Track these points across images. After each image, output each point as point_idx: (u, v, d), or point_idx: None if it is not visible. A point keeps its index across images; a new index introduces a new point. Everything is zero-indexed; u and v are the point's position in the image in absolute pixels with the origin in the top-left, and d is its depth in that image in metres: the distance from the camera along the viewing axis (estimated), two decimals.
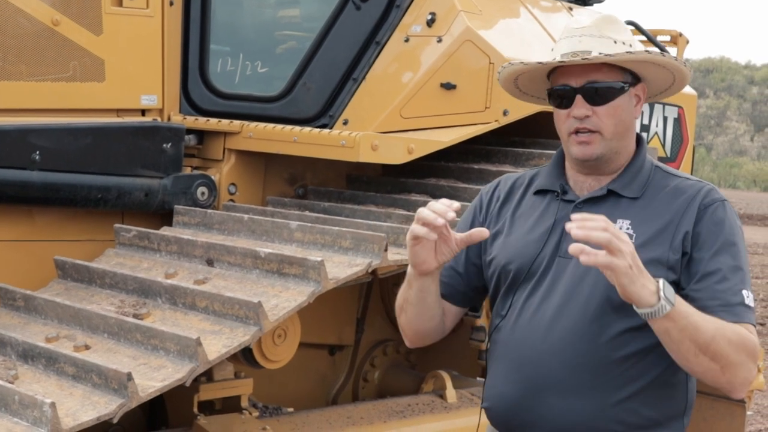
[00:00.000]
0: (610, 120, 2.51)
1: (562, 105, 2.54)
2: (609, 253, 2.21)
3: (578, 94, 2.51)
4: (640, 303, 2.27)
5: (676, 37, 6.15)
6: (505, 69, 2.64)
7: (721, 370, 2.35)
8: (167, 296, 3.64)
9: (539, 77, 2.64)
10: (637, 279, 2.26)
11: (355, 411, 4.35)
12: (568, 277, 2.51)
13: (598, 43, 2.50)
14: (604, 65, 2.51)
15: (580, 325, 2.48)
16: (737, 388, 2.41)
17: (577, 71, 2.52)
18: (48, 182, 4.00)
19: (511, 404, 2.57)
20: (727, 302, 2.41)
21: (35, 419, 2.91)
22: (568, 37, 2.55)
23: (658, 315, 2.27)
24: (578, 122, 2.51)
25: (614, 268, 2.22)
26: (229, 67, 4.71)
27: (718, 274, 2.43)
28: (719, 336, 2.33)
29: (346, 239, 3.74)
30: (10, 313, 3.84)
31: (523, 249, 2.59)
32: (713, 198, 2.51)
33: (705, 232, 2.46)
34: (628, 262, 2.23)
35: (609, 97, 2.51)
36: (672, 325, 2.29)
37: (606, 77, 2.51)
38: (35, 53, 4.05)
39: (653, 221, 2.49)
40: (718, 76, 48.17)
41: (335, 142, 4.21)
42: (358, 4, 4.75)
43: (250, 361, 3.76)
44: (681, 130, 5.75)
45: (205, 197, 4.38)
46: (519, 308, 2.57)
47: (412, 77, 4.69)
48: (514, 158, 4.70)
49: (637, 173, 2.58)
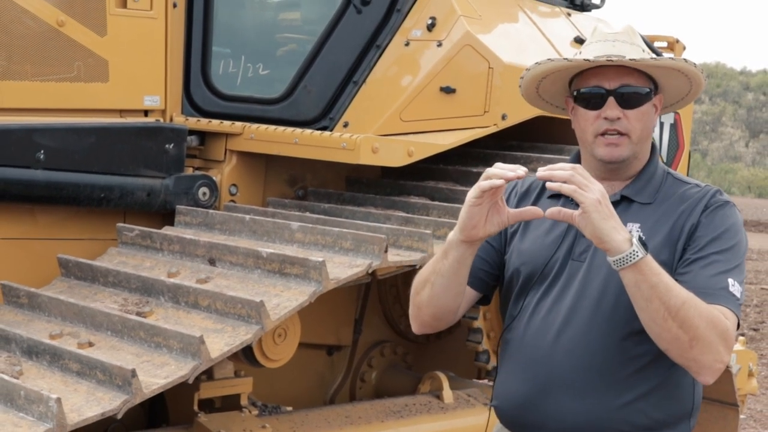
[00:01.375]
0: (639, 124, 2.57)
1: (591, 106, 2.58)
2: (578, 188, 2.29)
3: (611, 96, 2.55)
4: (611, 247, 2.30)
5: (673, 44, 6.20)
6: (540, 64, 2.64)
7: (689, 342, 2.34)
8: (170, 295, 3.68)
9: (561, 81, 2.68)
10: (608, 219, 2.30)
11: (354, 410, 4.40)
12: (580, 279, 2.56)
13: (630, 49, 2.56)
14: (635, 71, 2.57)
15: (591, 326, 2.52)
16: (704, 368, 2.38)
17: (610, 74, 2.56)
18: (52, 181, 4.03)
19: (520, 403, 2.61)
20: (708, 285, 2.42)
21: (41, 414, 2.94)
22: (600, 41, 2.59)
23: (629, 261, 2.30)
24: (608, 124, 2.55)
25: (582, 201, 2.27)
26: (230, 69, 4.75)
27: (707, 260, 2.46)
28: (691, 305, 2.33)
29: (347, 240, 3.78)
30: (14, 310, 3.87)
31: (537, 251, 2.63)
32: (718, 199, 2.57)
33: (704, 226, 2.51)
34: (597, 197, 2.28)
35: (639, 101, 2.56)
36: (642, 277, 2.31)
37: (637, 82, 2.57)
38: (40, 53, 4.10)
39: (662, 226, 2.54)
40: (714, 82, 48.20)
41: (336, 144, 4.25)
42: (359, 8, 4.79)
43: (251, 359, 3.80)
44: (677, 136, 5.80)
45: (206, 197, 4.42)
46: (531, 309, 2.61)
47: (412, 81, 4.73)
48: (512, 162, 4.71)
49: (650, 179, 2.63)
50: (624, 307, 2.45)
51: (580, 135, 2.63)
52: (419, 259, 3.82)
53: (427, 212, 4.34)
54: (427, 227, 4.07)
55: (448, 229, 4.06)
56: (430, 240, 3.87)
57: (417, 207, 4.41)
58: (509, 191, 2.76)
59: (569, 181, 2.31)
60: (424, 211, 4.36)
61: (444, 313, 2.66)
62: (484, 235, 2.47)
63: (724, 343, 2.37)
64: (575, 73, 2.63)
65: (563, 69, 2.63)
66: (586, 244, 2.55)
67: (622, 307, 2.47)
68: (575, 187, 2.30)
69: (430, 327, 2.72)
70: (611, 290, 2.48)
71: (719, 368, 2.40)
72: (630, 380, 2.50)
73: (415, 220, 4.19)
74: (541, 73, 2.66)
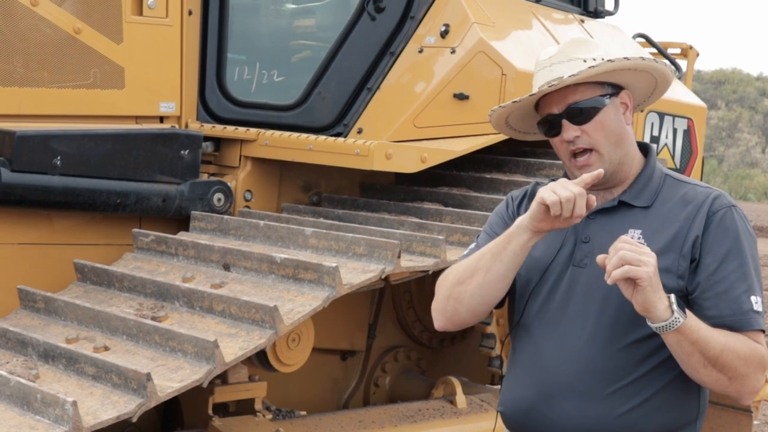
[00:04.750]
0: (600, 134, 2.58)
1: (552, 133, 2.63)
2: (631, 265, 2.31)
3: (563, 119, 2.59)
4: (655, 316, 2.34)
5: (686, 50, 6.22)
6: (493, 114, 2.73)
7: (728, 380, 2.43)
8: (185, 299, 3.71)
9: (529, 113, 2.72)
10: (658, 290, 2.34)
11: (367, 415, 4.41)
12: (582, 285, 2.58)
13: (567, 67, 2.58)
14: (580, 85, 2.59)
15: (595, 332, 2.54)
16: (744, 396, 2.48)
17: (556, 98, 2.60)
18: (68, 187, 4.07)
19: (525, 409, 2.63)
20: (735, 311, 2.47)
21: (57, 417, 2.96)
22: (540, 69, 2.65)
23: (671, 328, 2.35)
24: (572, 145, 2.59)
25: (639, 276, 2.30)
26: (245, 76, 4.79)
27: (726, 282, 2.48)
28: (728, 350, 2.40)
29: (360, 246, 3.81)
30: (30, 314, 3.91)
31: (537, 258, 2.64)
32: (722, 204, 2.57)
33: (712, 239, 2.52)
34: (651, 270, 2.31)
35: (592, 113, 2.58)
36: (683, 338, 2.37)
37: (583, 96, 2.59)
38: (57, 61, 4.13)
39: (664, 230, 2.55)
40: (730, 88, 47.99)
41: (350, 151, 4.28)
42: (373, 15, 4.81)
43: (265, 364, 3.83)
44: (690, 142, 5.81)
45: (221, 203, 4.45)
46: (535, 315, 2.63)
47: (426, 87, 4.75)
48: (525, 168, 4.77)
49: (648, 182, 2.64)
50: (628, 314, 2.47)
51: (561, 159, 2.67)
52: (432, 264, 3.84)
53: (440, 218, 4.36)
54: (441, 233, 4.09)
55: (461, 235, 4.08)
56: (443, 246, 3.88)
57: (430, 213, 4.43)
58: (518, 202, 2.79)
59: (621, 260, 2.32)
60: (437, 216, 4.39)
61: (486, 306, 2.64)
62: (552, 228, 2.48)
63: (761, 370, 2.47)
64: (533, 105, 2.68)
65: (516, 109, 2.69)
66: (587, 250, 2.58)
67: (625, 314, 2.49)
68: (628, 267, 2.31)
69: (459, 322, 2.69)
70: (614, 297, 2.49)
71: (757, 390, 2.49)
72: (634, 386, 2.52)
73: (428, 225, 4.21)
74: (499, 117, 2.75)
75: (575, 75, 2.55)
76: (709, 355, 2.39)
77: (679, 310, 2.35)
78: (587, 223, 2.61)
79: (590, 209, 2.46)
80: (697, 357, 2.40)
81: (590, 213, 2.61)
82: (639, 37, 6.26)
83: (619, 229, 2.56)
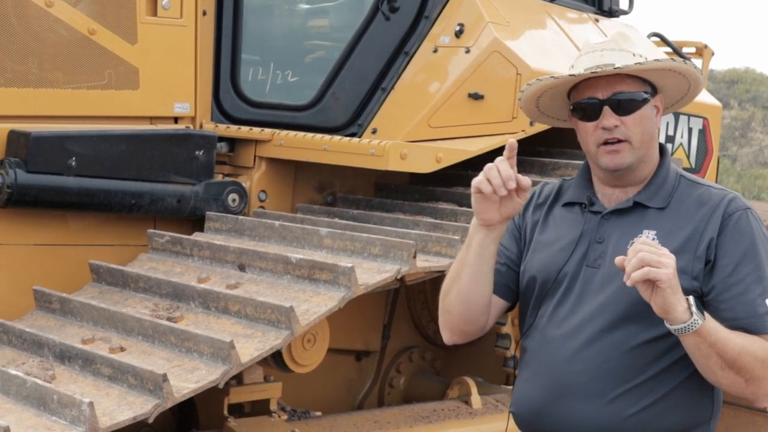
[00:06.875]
0: (638, 128, 2.57)
1: (588, 117, 2.60)
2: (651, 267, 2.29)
3: (606, 106, 2.57)
4: (674, 318, 2.34)
5: (701, 49, 6.19)
6: (530, 87, 2.68)
7: (745, 382, 2.43)
8: (200, 300, 3.70)
9: (560, 96, 2.70)
10: (677, 292, 2.33)
11: (382, 415, 4.41)
12: (596, 285, 2.57)
13: (619, 57, 2.57)
14: (627, 77, 2.58)
15: (606, 332, 2.53)
16: (760, 398, 2.48)
17: (602, 84, 2.58)
18: (83, 188, 4.08)
19: (536, 409, 2.62)
20: (751, 313, 2.46)
21: (73, 418, 2.97)
22: (589, 52, 2.62)
23: (690, 330, 2.34)
24: (607, 133, 2.57)
25: (659, 278, 2.29)
26: (260, 76, 4.79)
27: (742, 285, 2.48)
28: (746, 352, 2.40)
29: (376, 246, 3.80)
30: (46, 315, 3.91)
31: (551, 259, 2.64)
32: (737, 206, 2.56)
33: (728, 241, 2.51)
34: (671, 271, 2.30)
35: (634, 107, 2.57)
36: (701, 340, 2.36)
37: (630, 88, 2.58)
38: (72, 61, 4.14)
39: (679, 231, 2.54)
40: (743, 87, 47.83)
41: (365, 151, 4.27)
42: (387, 15, 4.81)
43: (280, 365, 3.83)
44: (706, 142, 5.79)
45: (236, 204, 4.45)
46: (548, 316, 2.63)
47: (440, 87, 4.74)
48: (540, 168, 4.76)
49: (663, 183, 2.63)
50: (640, 314, 2.46)
51: (584, 147, 2.65)
52: (448, 264, 3.83)
53: (455, 218, 4.35)
54: (456, 233, 4.08)
55: None
56: (459, 246, 3.87)
57: (445, 213, 4.42)
58: (530, 199, 2.78)
59: (641, 261, 2.30)
60: (452, 216, 4.38)
61: (474, 315, 2.68)
62: (501, 219, 2.55)
63: None
64: (571, 87, 2.65)
65: (553, 86, 2.66)
66: (601, 251, 2.57)
67: (638, 314, 2.48)
68: (647, 268, 2.30)
69: (460, 334, 2.75)
70: (627, 297, 2.49)
71: None
72: (647, 386, 2.51)
73: (443, 225, 4.20)
74: (534, 92, 2.70)
75: (642, 63, 2.54)
76: (727, 357, 2.39)
77: (698, 312, 2.35)
78: (601, 223, 2.61)
79: (524, 188, 2.51)
80: (715, 359, 2.39)
81: (605, 213, 2.62)
82: (654, 36, 6.23)
83: (633, 230, 2.56)
